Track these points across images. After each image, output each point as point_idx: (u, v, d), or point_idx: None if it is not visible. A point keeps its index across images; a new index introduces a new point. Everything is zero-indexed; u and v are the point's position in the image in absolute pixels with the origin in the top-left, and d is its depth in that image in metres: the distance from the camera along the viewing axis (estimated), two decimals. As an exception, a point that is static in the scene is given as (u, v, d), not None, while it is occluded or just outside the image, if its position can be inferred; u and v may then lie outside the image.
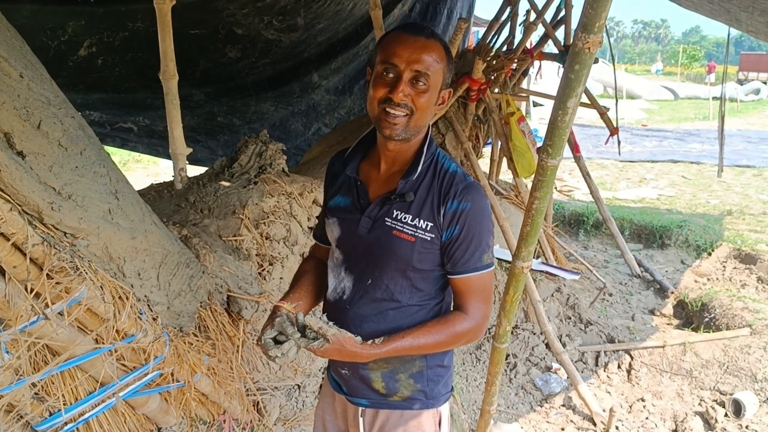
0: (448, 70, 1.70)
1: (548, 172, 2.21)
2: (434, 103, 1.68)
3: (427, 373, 1.81)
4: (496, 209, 4.77)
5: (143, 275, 2.11)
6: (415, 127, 1.66)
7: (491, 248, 1.73)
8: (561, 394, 4.31)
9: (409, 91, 1.61)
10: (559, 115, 2.04)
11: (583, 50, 1.88)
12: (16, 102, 1.54)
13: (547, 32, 6.31)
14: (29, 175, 1.55)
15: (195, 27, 5.19)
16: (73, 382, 2.06)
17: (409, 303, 1.75)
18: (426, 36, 1.65)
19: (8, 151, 1.50)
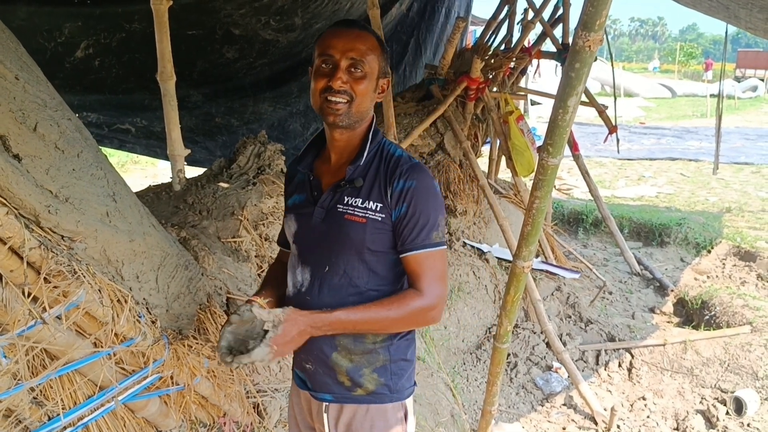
0: (383, 59, 1.80)
1: (549, 171, 2.19)
2: (372, 89, 1.78)
3: (390, 366, 1.84)
4: (495, 209, 4.76)
5: (142, 278, 2.09)
6: (357, 113, 1.76)
7: (441, 227, 1.75)
8: (562, 394, 4.30)
9: (347, 78, 1.72)
10: (560, 114, 2.03)
11: (583, 48, 1.87)
12: (11, 104, 1.53)
13: (545, 30, 6.31)
14: (26, 179, 1.53)
15: (192, 28, 5.16)
16: (71, 386, 2.04)
17: (367, 287, 1.79)
18: (359, 28, 1.78)
19: (4, 154, 1.48)
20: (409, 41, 6.91)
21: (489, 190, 4.91)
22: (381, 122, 4.74)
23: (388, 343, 1.83)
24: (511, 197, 6.16)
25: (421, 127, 5.01)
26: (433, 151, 5.28)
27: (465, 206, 5.27)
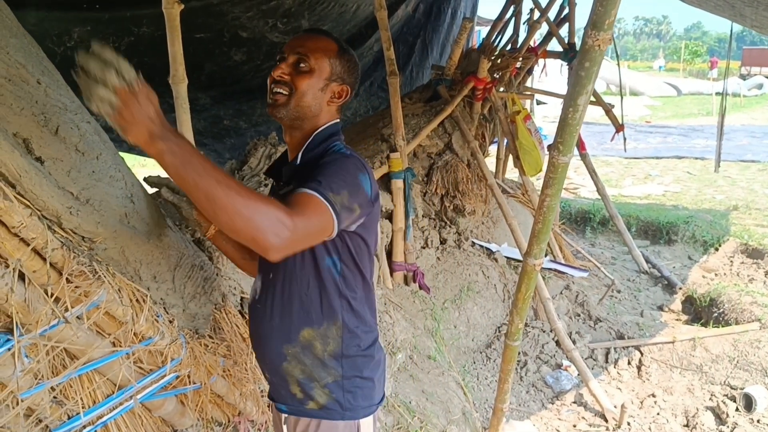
0: (341, 65, 1.79)
1: (559, 169, 2.22)
2: (318, 88, 1.75)
3: (343, 383, 1.80)
4: (504, 208, 4.78)
5: (159, 278, 2.12)
6: (296, 107, 1.74)
7: (338, 198, 1.55)
8: (572, 391, 4.32)
9: (290, 71, 1.74)
10: (570, 113, 2.06)
11: (593, 47, 1.90)
12: (34, 108, 1.56)
13: (551, 30, 6.33)
14: (48, 181, 1.56)
15: (200, 31, 5.20)
16: (91, 386, 2.07)
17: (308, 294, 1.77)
18: (318, 32, 1.82)
19: (27, 157, 1.51)
20: (416, 42, 6.93)
21: (497, 190, 4.93)
22: (389, 123, 4.77)
23: (339, 356, 1.79)
24: (519, 197, 6.18)
25: (429, 128, 5.03)
26: (441, 151, 5.30)
27: (473, 206, 5.28)
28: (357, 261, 1.78)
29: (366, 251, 1.81)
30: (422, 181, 5.21)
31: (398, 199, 4.54)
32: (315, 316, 1.77)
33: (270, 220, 1.39)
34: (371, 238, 1.82)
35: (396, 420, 3.18)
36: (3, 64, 1.47)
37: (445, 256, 5.04)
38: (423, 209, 5.14)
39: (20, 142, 1.53)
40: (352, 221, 1.65)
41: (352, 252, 1.76)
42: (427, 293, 4.59)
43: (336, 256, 1.74)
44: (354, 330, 1.80)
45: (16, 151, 1.46)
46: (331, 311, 1.77)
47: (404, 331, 3.81)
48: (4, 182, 1.48)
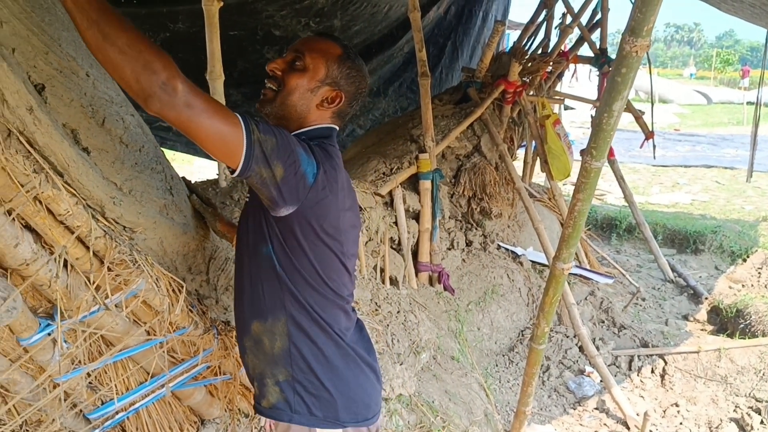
0: (339, 71, 1.72)
1: (592, 174, 2.23)
2: (308, 89, 1.69)
3: (293, 385, 1.72)
4: (531, 212, 4.77)
5: (194, 270, 2.17)
6: (281, 104, 1.69)
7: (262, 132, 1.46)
8: (594, 398, 4.30)
9: (285, 67, 1.69)
10: (605, 118, 2.07)
11: (630, 54, 1.90)
12: (82, 100, 1.61)
13: (582, 35, 6.31)
14: (94, 171, 1.61)
15: (234, 28, 5.27)
16: (125, 373, 2.12)
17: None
18: (326, 36, 1.77)
19: (75, 147, 1.56)
20: (446, 44, 6.95)
21: (525, 193, 4.93)
22: (419, 124, 4.79)
23: (287, 354, 1.71)
24: (546, 201, 6.17)
25: (458, 130, 5.05)
26: (469, 153, 5.31)
27: (500, 209, 5.29)
28: (298, 259, 1.66)
29: (312, 250, 1.67)
30: (450, 182, 5.22)
31: (425, 200, 4.56)
32: (261, 309, 1.73)
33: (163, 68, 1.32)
34: (318, 240, 1.67)
35: (419, 419, 3.20)
36: (55, 56, 1.51)
37: (471, 258, 5.05)
38: (450, 211, 5.15)
39: (69, 132, 1.58)
40: (269, 178, 1.48)
41: (287, 244, 1.64)
42: (452, 295, 4.61)
43: (271, 246, 1.66)
44: (306, 330, 1.71)
45: (65, 141, 1.51)
46: (274, 306, 1.70)
47: (428, 331, 3.83)
48: (53, 171, 1.53)
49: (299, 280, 1.68)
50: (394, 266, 4.27)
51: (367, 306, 3.59)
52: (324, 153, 1.65)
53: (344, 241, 1.74)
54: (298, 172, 1.53)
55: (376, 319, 3.51)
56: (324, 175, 1.60)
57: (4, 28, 1.37)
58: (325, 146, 1.68)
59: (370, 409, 1.82)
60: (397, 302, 3.88)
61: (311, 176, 1.56)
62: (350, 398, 1.76)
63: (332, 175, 1.64)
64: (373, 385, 1.86)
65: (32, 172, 1.46)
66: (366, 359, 1.84)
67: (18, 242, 1.58)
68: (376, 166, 4.60)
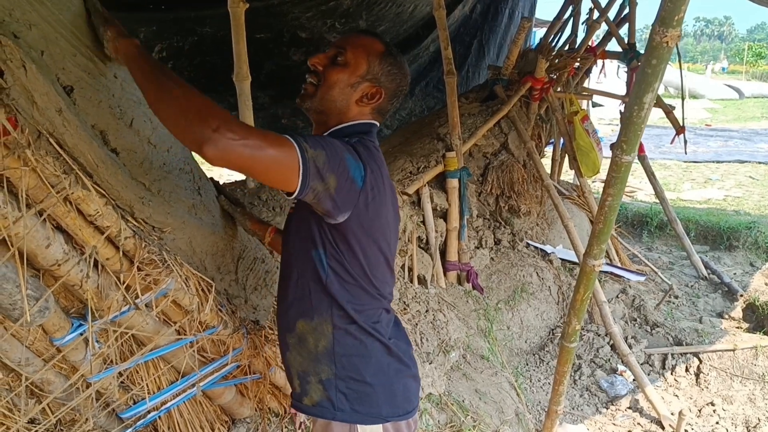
0: (380, 67, 1.72)
1: (622, 168, 2.20)
2: (348, 84, 1.69)
3: (336, 383, 1.72)
4: (560, 209, 4.73)
5: (223, 269, 2.18)
6: (321, 100, 1.69)
7: (311, 146, 1.45)
8: (627, 397, 4.24)
9: (326, 62, 1.69)
10: (635, 111, 2.04)
11: (660, 44, 1.87)
12: (111, 101, 1.62)
13: (610, 30, 6.23)
14: (122, 171, 1.62)
15: (260, 31, 5.30)
16: (156, 372, 2.14)
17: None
18: (369, 33, 1.78)
19: (104, 148, 1.58)
20: (472, 42, 6.92)
21: (553, 191, 4.88)
22: (445, 122, 4.77)
23: (331, 353, 1.71)
24: (575, 198, 6.10)
25: (485, 127, 5.01)
26: (497, 151, 5.28)
27: (528, 207, 5.24)
28: (348, 260, 1.67)
29: (362, 251, 1.68)
30: (477, 180, 5.19)
31: (453, 198, 4.53)
32: (307, 309, 1.73)
33: (215, 114, 1.35)
34: (370, 240, 1.68)
35: (449, 418, 3.18)
36: (83, 58, 1.53)
37: (499, 257, 5.01)
38: (478, 209, 5.12)
39: (98, 133, 1.59)
40: (323, 192, 1.49)
41: (339, 248, 1.65)
42: (481, 293, 4.58)
43: (322, 249, 1.67)
44: (350, 329, 1.72)
45: (94, 142, 1.52)
46: (321, 307, 1.71)
47: (457, 330, 3.81)
48: (83, 172, 1.54)
49: (347, 280, 1.69)
50: (422, 265, 4.25)
51: (395, 305, 3.59)
52: (367, 151, 1.65)
53: (390, 237, 1.77)
54: (348, 178, 1.54)
55: (405, 318, 3.50)
56: (371, 175, 1.61)
57: (33, 31, 1.39)
58: (365, 143, 1.68)
59: (411, 403, 1.83)
60: (425, 301, 3.87)
61: (360, 180, 1.57)
62: (392, 393, 1.77)
63: (377, 174, 1.65)
64: (414, 379, 1.87)
65: (62, 173, 1.48)
66: (406, 353, 1.86)
67: (50, 243, 1.60)
68: (403, 165, 4.59)
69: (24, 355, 1.85)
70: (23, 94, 1.36)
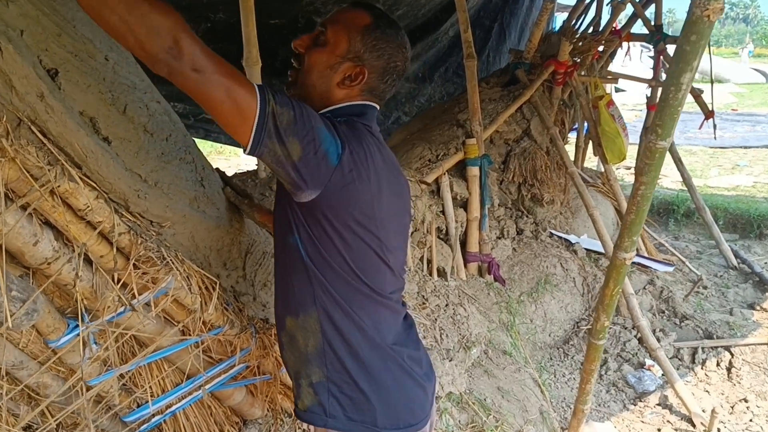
0: (363, 43, 1.53)
1: (657, 154, 2.04)
2: (327, 65, 1.52)
3: (328, 386, 1.58)
4: (585, 197, 4.55)
5: (229, 265, 2.05)
6: (302, 85, 1.56)
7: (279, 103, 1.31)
8: (656, 393, 4.08)
9: (309, 44, 1.56)
10: (671, 92, 1.87)
11: (701, 18, 1.71)
12: (101, 86, 1.49)
13: (635, 11, 6.01)
14: (115, 162, 1.50)
15: (275, 17, 5.17)
16: (160, 374, 2.03)
17: None
18: (356, 4, 1.58)
19: (94, 137, 1.45)
20: (493, 26, 6.73)
21: (578, 178, 4.70)
22: (465, 109, 4.62)
23: (321, 354, 1.57)
24: (599, 186, 5.91)
25: (507, 113, 4.84)
26: (519, 137, 5.10)
27: (552, 195, 5.08)
28: (325, 248, 1.50)
29: (341, 239, 1.50)
30: (499, 168, 5.03)
31: (473, 187, 4.38)
32: (292, 304, 1.59)
33: (169, 31, 1.21)
34: (348, 229, 1.50)
35: (470, 418, 3.05)
36: (69, 38, 1.40)
37: (522, 247, 4.86)
38: (499, 198, 4.97)
39: (87, 120, 1.47)
40: (283, 157, 1.33)
41: (313, 232, 1.49)
42: (503, 285, 4.43)
43: (297, 235, 1.51)
44: (340, 327, 1.56)
45: (82, 130, 1.40)
46: (305, 302, 1.56)
47: (478, 325, 3.67)
48: (70, 163, 1.42)
49: (329, 273, 1.52)
50: (442, 257, 4.11)
51: (413, 299, 3.45)
52: (352, 131, 1.48)
53: (381, 231, 1.56)
54: (319, 151, 1.37)
55: (424, 313, 3.36)
56: (350, 156, 1.43)
57: (11, 8, 1.26)
58: (353, 123, 1.52)
59: (414, 415, 1.65)
60: (445, 295, 3.73)
61: (334, 156, 1.40)
62: (389, 403, 1.61)
63: (360, 156, 1.46)
64: (418, 388, 1.69)
65: (46, 164, 1.35)
66: (410, 360, 1.68)
67: (37, 240, 1.48)
68: (422, 153, 4.44)
69: (18, 357, 1.74)
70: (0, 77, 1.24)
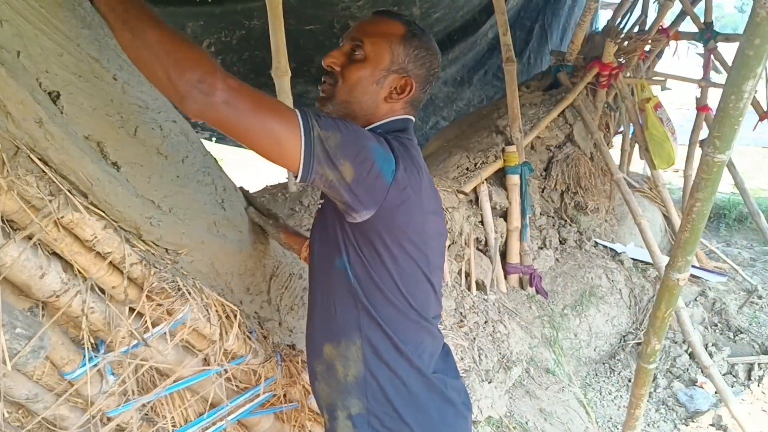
0: (405, 53, 1.48)
1: (714, 168, 1.87)
2: (371, 80, 1.46)
3: (369, 419, 1.49)
4: (632, 206, 4.35)
5: (253, 290, 1.95)
6: (340, 101, 1.47)
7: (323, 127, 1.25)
8: (709, 412, 3.87)
9: (342, 60, 1.48)
10: (731, 101, 1.70)
11: (766, 20, 1.54)
12: (109, 107, 1.39)
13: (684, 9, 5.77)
14: (124, 189, 1.40)
15: (310, 23, 5.12)
16: (183, 404, 1.93)
17: None
18: (386, 14, 1.54)
19: (100, 163, 1.35)
20: (534, 27, 6.55)
21: (624, 185, 4.50)
22: (505, 114, 4.46)
23: (363, 384, 1.48)
24: (646, 191, 5.69)
25: (548, 118, 4.67)
26: (561, 143, 4.92)
27: (596, 203, 4.88)
28: (376, 270, 1.43)
29: (393, 261, 1.44)
30: (540, 176, 4.86)
31: (514, 196, 4.23)
32: (333, 331, 1.51)
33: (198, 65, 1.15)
34: (402, 249, 1.44)
35: (511, 442, 2.90)
36: (72, 58, 1.30)
37: (565, 258, 4.68)
38: (541, 206, 4.80)
39: (93, 145, 1.37)
40: (336, 180, 1.28)
41: (364, 254, 1.42)
42: (545, 298, 4.26)
43: (346, 257, 1.44)
44: (384, 356, 1.48)
45: (87, 156, 1.30)
46: (348, 326, 1.48)
47: (520, 342, 3.51)
48: (75, 191, 1.33)
49: (377, 298, 1.45)
50: (481, 270, 3.96)
51: (451, 317, 3.31)
52: (402, 148, 1.42)
53: (429, 251, 1.50)
54: (373, 169, 1.31)
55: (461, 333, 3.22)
56: (404, 173, 1.37)
57: (5, 27, 1.17)
58: (401, 140, 1.46)
59: None
60: (484, 311, 3.58)
61: (389, 174, 1.33)
62: (417, 421, 1.52)
63: (413, 173, 1.41)
64: (461, 419, 1.61)
65: (48, 194, 1.26)
66: (452, 390, 1.59)
67: (44, 272, 1.39)
68: (459, 161, 4.30)
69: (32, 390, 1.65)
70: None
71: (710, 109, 5.86)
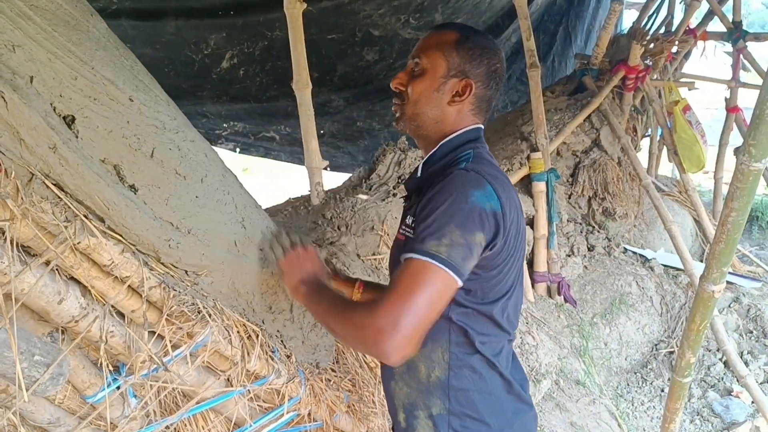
0: (459, 56, 1.52)
1: (750, 177, 1.80)
2: (432, 89, 1.52)
3: (450, 420, 1.51)
4: (662, 211, 4.26)
5: (275, 308, 1.91)
6: (411, 116, 1.55)
7: (445, 240, 1.32)
8: (746, 423, 3.75)
9: (407, 78, 1.55)
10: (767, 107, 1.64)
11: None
12: (125, 129, 1.37)
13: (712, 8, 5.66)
14: (142, 212, 1.37)
15: (332, 32, 5.10)
16: (206, 425, 1.91)
17: None
18: (439, 26, 1.59)
19: (117, 186, 1.33)
20: (558, 30, 6.47)
21: (653, 191, 4.41)
22: (529, 120, 4.39)
23: (446, 386, 1.51)
24: (676, 195, 5.58)
25: (574, 123, 4.60)
26: (588, 148, 4.84)
27: (625, 208, 4.79)
28: (481, 283, 1.46)
29: (499, 272, 1.47)
30: (567, 182, 4.78)
31: (540, 203, 4.16)
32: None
33: (358, 330, 1.32)
34: (511, 260, 1.49)
35: (542, 458, 2.83)
36: (86, 81, 1.28)
37: (594, 265, 4.59)
38: (568, 213, 4.71)
39: (110, 168, 1.35)
40: (479, 254, 1.36)
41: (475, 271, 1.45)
42: (574, 307, 4.18)
43: None
44: (469, 359, 1.51)
45: (103, 180, 1.28)
46: (437, 331, 1.48)
47: (549, 354, 3.44)
48: (92, 216, 1.30)
49: (472, 306, 1.49)
50: (508, 279, 3.89)
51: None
52: (489, 167, 1.47)
53: (518, 253, 1.54)
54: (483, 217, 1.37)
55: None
56: (503, 194, 1.42)
57: (17, 53, 1.15)
58: (480, 154, 1.51)
59: None
60: (512, 321, 3.51)
61: (497, 205, 1.39)
62: (499, 423, 1.56)
63: (506, 192, 1.45)
64: (534, 419, 1.64)
65: (63, 220, 1.24)
66: (526, 391, 1.64)
67: (62, 298, 1.37)
68: (484, 169, 4.23)
69: (54, 414, 1.64)
70: (6, 130, 1.13)
71: (740, 109, 5.73)
